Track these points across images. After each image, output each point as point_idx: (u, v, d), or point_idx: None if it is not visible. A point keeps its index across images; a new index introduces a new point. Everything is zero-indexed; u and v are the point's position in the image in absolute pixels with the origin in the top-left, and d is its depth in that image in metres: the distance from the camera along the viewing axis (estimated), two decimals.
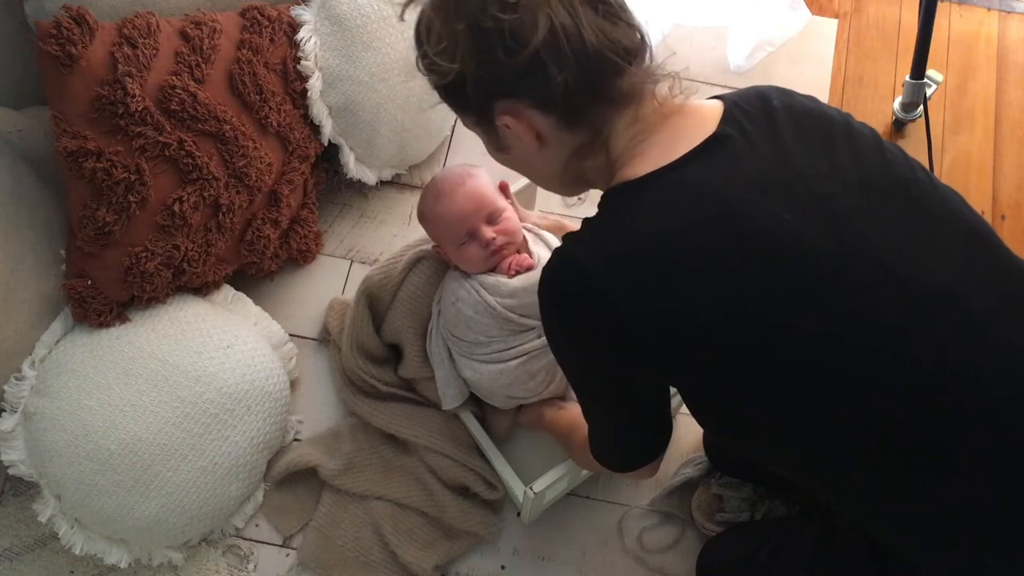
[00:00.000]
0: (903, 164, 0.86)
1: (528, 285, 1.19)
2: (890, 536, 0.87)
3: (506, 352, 1.23)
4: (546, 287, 0.88)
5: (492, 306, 1.19)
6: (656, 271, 0.80)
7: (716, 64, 1.77)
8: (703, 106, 0.88)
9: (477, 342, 1.23)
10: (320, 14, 1.39)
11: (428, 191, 1.23)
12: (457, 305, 1.22)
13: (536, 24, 0.79)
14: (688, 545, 1.34)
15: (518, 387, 1.25)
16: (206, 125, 1.26)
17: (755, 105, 0.87)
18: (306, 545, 1.33)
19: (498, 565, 1.33)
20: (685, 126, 0.86)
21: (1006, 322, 0.80)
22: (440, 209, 1.20)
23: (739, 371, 0.82)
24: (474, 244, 1.20)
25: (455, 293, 1.23)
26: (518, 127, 0.86)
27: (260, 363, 1.34)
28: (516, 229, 1.22)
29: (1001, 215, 1.68)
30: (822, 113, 0.88)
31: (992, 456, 0.79)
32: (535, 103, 0.84)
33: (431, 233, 1.26)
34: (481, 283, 1.20)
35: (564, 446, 1.22)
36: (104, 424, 1.21)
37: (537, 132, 0.87)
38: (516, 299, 1.19)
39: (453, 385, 1.30)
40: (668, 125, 0.87)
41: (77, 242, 1.24)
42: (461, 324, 1.23)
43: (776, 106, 0.87)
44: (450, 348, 1.29)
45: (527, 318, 1.20)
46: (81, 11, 1.16)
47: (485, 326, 1.21)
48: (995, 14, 1.89)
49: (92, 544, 1.24)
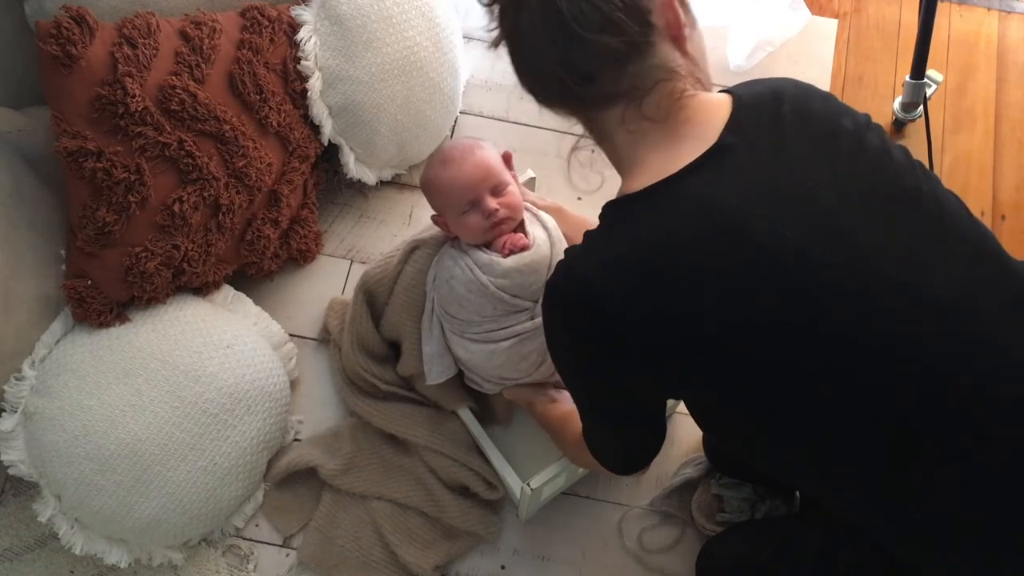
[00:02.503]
0: (908, 175, 0.86)
1: (522, 266, 1.18)
2: (894, 539, 0.87)
3: (497, 332, 1.22)
4: (550, 298, 0.91)
5: (485, 285, 1.18)
6: (655, 281, 0.81)
7: (716, 64, 1.77)
8: (707, 107, 0.87)
9: (470, 320, 1.23)
10: (320, 14, 1.39)
11: (436, 158, 1.23)
12: (451, 283, 1.22)
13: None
14: (688, 545, 1.34)
15: (509, 368, 1.25)
16: (206, 125, 1.26)
17: (764, 109, 0.86)
18: (306, 545, 1.33)
19: (498, 565, 1.33)
20: (685, 133, 0.86)
21: (1009, 331, 0.81)
22: (447, 175, 1.20)
23: (738, 380, 0.83)
24: (476, 213, 1.19)
25: (449, 271, 1.22)
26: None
27: (260, 363, 1.34)
28: (519, 204, 1.22)
29: (1001, 215, 1.68)
30: (832, 121, 0.87)
31: (999, 462, 0.79)
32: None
33: (434, 200, 1.25)
34: (476, 261, 1.20)
35: (555, 440, 1.21)
36: (104, 424, 1.21)
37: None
38: (509, 279, 1.19)
39: (439, 363, 1.30)
40: (668, 132, 0.86)
41: (77, 242, 1.24)
42: (454, 302, 1.22)
43: (785, 112, 0.86)
44: (443, 325, 1.29)
45: (519, 299, 1.20)
46: (81, 11, 1.16)
47: (478, 305, 1.20)
48: (995, 14, 1.89)
49: (92, 544, 1.24)
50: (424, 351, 1.31)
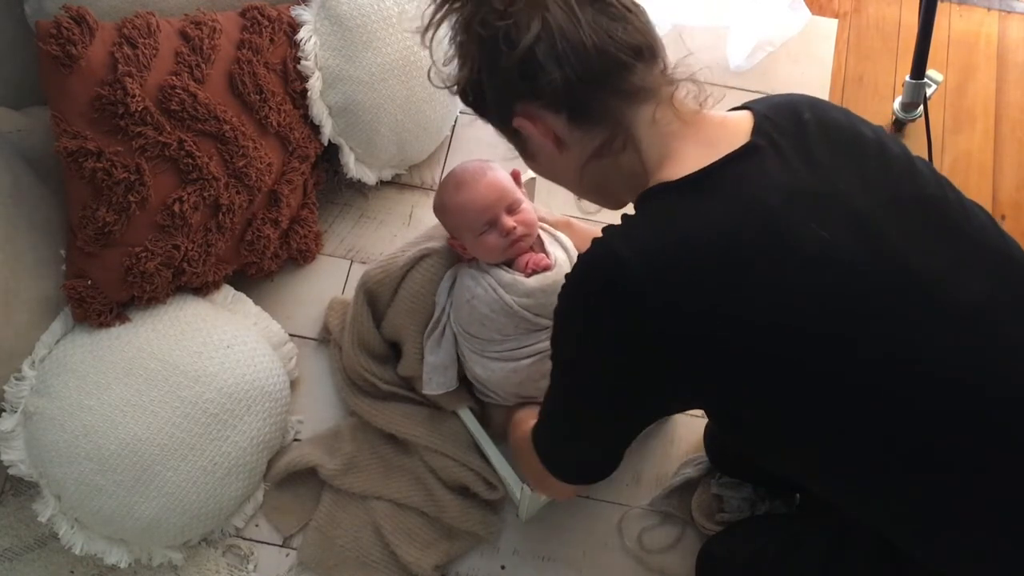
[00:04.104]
0: (933, 183, 0.86)
1: (545, 286, 1.20)
2: (915, 544, 0.87)
3: (519, 351, 1.23)
4: (579, 277, 0.84)
5: (509, 304, 1.20)
6: (696, 276, 0.78)
7: (716, 64, 1.77)
8: (731, 117, 0.87)
9: (491, 339, 1.24)
10: (320, 14, 1.39)
11: (448, 182, 1.25)
12: (472, 303, 1.23)
13: (529, 26, 0.81)
14: (688, 545, 1.34)
15: (529, 385, 1.26)
16: (206, 125, 1.26)
17: (786, 117, 0.86)
18: (306, 545, 1.33)
19: (498, 565, 1.33)
20: (717, 134, 0.85)
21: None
22: (462, 197, 1.22)
23: (767, 381, 0.80)
24: (494, 233, 1.21)
25: (470, 291, 1.23)
26: (534, 129, 0.87)
27: (260, 363, 1.34)
28: (534, 221, 1.24)
29: (1001, 215, 1.68)
30: (854, 129, 0.87)
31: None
32: (545, 103, 0.85)
33: (449, 223, 1.27)
34: (499, 281, 1.21)
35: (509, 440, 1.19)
36: (104, 424, 1.21)
37: (554, 134, 0.87)
38: (532, 299, 1.20)
39: (441, 374, 1.31)
40: (698, 131, 0.86)
41: (77, 242, 1.24)
42: (475, 322, 1.23)
43: (807, 119, 0.86)
44: (462, 345, 1.29)
45: (542, 318, 1.22)
46: (81, 11, 1.16)
47: (500, 324, 1.22)
48: (995, 14, 1.89)
49: (92, 544, 1.24)
50: (427, 360, 1.32)
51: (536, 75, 0.82)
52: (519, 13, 0.81)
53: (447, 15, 0.87)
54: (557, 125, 0.87)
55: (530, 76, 0.83)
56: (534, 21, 0.81)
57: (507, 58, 0.82)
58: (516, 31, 0.82)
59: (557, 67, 0.81)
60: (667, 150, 0.86)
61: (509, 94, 0.86)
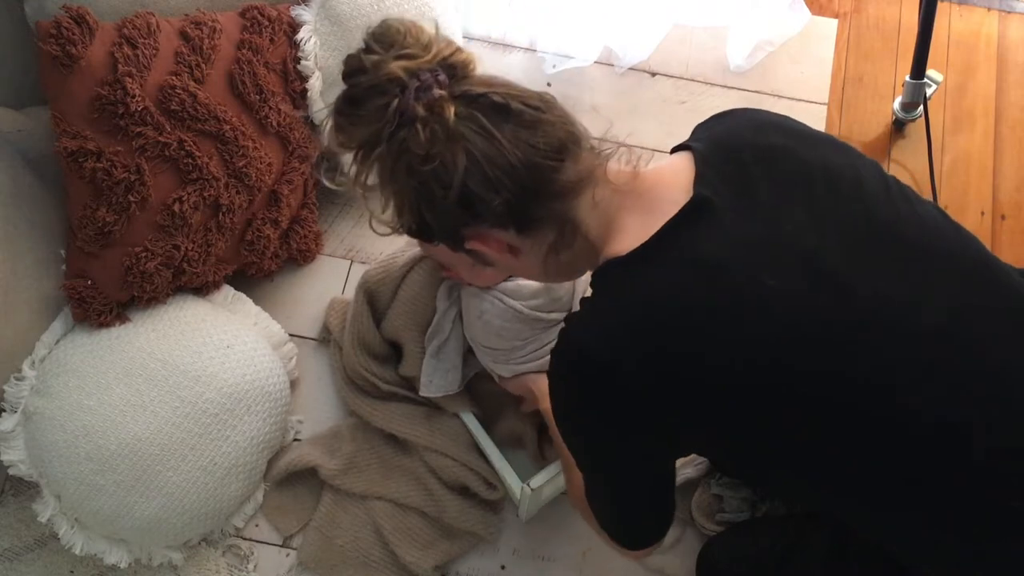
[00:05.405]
0: (884, 201, 0.86)
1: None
2: (919, 559, 0.88)
3: (542, 350, 1.24)
4: (555, 371, 0.89)
5: (519, 311, 1.20)
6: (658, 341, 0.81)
7: (716, 64, 1.77)
8: (668, 171, 0.88)
9: (513, 348, 1.24)
10: (320, 14, 1.39)
11: None
12: (484, 318, 1.23)
13: (455, 162, 0.81)
14: (688, 545, 1.34)
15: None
16: (206, 125, 1.26)
17: (726, 160, 0.87)
18: (306, 545, 1.33)
19: (498, 565, 1.33)
20: (658, 195, 0.86)
21: (1000, 352, 0.81)
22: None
23: (736, 429, 0.83)
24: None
25: (478, 308, 1.23)
26: (487, 248, 0.89)
27: (260, 363, 1.34)
28: None
29: (1001, 215, 1.68)
30: (795, 156, 0.87)
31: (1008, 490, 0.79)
32: (491, 224, 0.86)
33: (443, 258, 1.26)
34: (503, 291, 1.22)
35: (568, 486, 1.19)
36: (104, 424, 1.21)
37: (508, 245, 0.89)
38: (539, 298, 1.21)
39: (443, 377, 1.31)
40: (638, 198, 0.87)
41: (77, 242, 1.24)
42: (492, 335, 1.24)
43: (747, 159, 0.86)
44: (484, 358, 1.29)
45: (554, 313, 1.22)
46: (81, 11, 1.16)
47: (517, 331, 1.22)
48: (995, 14, 1.89)
49: (92, 544, 1.24)
50: (428, 362, 1.32)
51: (475, 204, 0.83)
52: (441, 152, 0.81)
53: (371, 165, 0.86)
54: (508, 237, 0.88)
55: (470, 206, 0.83)
56: (458, 156, 0.80)
57: (444, 198, 0.82)
58: (444, 170, 0.81)
59: (494, 193, 0.82)
60: (613, 225, 0.87)
61: (455, 224, 0.87)
